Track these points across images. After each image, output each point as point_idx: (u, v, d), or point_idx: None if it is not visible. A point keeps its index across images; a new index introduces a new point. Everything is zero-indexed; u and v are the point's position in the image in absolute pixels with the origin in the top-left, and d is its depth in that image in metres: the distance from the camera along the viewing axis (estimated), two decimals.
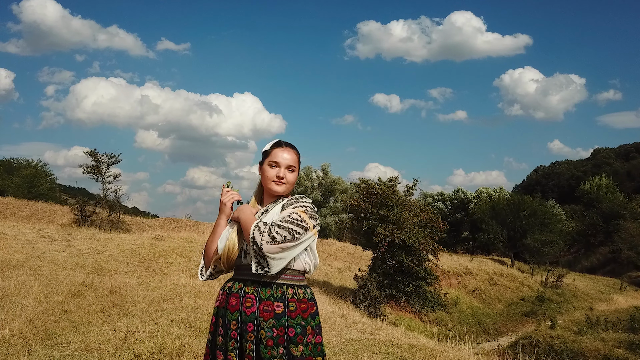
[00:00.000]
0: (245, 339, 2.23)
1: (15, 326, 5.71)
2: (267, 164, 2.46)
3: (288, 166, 2.44)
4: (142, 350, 5.01)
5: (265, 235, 2.18)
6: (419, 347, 6.25)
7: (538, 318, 18.62)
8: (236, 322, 2.26)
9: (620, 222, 38.70)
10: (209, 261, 2.43)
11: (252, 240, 2.19)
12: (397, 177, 14.51)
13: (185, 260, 12.84)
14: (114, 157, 18.93)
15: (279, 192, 2.43)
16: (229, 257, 2.32)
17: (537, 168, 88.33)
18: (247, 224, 2.26)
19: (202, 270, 2.49)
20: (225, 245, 2.33)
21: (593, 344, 13.05)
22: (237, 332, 2.25)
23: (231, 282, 2.39)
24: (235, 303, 2.29)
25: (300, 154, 2.56)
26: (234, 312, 2.27)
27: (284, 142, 2.53)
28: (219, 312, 2.38)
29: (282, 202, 2.44)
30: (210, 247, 2.41)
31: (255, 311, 2.24)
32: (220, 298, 2.40)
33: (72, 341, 5.43)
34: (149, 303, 7.94)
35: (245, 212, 2.35)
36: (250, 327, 2.23)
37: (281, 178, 2.41)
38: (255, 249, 2.18)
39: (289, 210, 2.33)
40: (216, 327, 2.36)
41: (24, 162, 39.68)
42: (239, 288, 2.32)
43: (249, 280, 2.31)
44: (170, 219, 24.44)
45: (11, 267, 9.50)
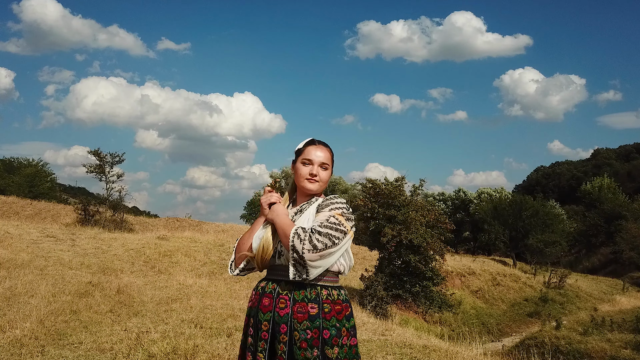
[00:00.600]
0: (277, 340, 2.19)
1: (26, 326, 5.66)
2: (300, 162, 2.43)
3: (321, 164, 2.40)
4: (156, 351, 4.96)
5: (306, 244, 2.12)
6: (432, 348, 6.20)
7: (542, 319, 18.56)
8: (268, 323, 2.21)
9: (622, 222, 38.68)
10: (240, 258, 2.40)
11: (292, 248, 2.14)
12: (403, 177, 14.50)
13: (190, 260, 12.80)
14: (118, 156, 18.91)
15: (312, 190, 2.39)
16: (263, 258, 2.28)
17: (538, 168, 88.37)
18: (285, 229, 2.20)
19: (232, 265, 2.44)
20: (259, 245, 2.28)
21: (599, 344, 13.01)
22: (269, 333, 2.21)
23: (264, 282, 2.33)
24: (268, 303, 2.24)
25: (333, 152, 2.51)
26: (266, 313, 2.22)
27: (317, 140, 2.50)
28: (250, 313, 2.34)
29: (316, 203, 2.40)
30: (244, 244, 2.37)
31: (288, 312, 2.19)
32: (253, 298, 2.35)
33: (84, 341, 5.39)
34: (157, 303, 7.90)
35: (280, 215, 2.29)
36: (283, 328, 2.19)
37: (314, 175, 2.38)
38: (296, 257, 2.13)
39: (326, 213, 2.27)
40: (247, 328, 2.33)
41: (24, 161, 39.65)
42: (272, 288, 2.26)
43: (282, 280, 2.26)
44: (174, 219, 24.39)
45: (17, 266, 9.45)
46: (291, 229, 2.17)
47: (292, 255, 2.14)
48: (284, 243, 2.21)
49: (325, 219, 2.23)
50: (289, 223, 2.23)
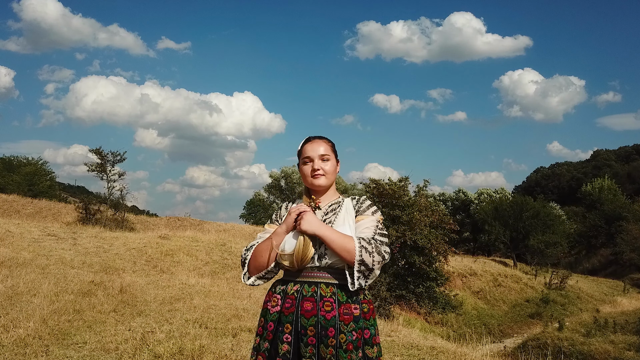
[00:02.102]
0: (325, 344, 2.13)
1: (30, 325, 5.60)
2: (302, 162, 2.40)
3: (321, 156, 2.35)
4: (162, 352, 4.90)
5: (376, 256, 2.15)
6: (440, 349, 6.14)
7: (544, 320, 18.52)
8: (314, 328, 2.13)
9: (623, 224, 38.62)
10: (259, 267, 2.27)
11: (360, 262, 2.13)
12: (407, 178, 14.42)
13: (192, 260, 12.75)
14: (119, 155, 18.83)
15: (321, 184, 2.35)
16: (304, 260, 2.19)
17: (537, 169, 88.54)
18: (345, 244, 2.15)
19: (245, 275, 2.32)
20: (297, 247, 2.18)
21: (602, 346, 12.95)
22: (316, 338, 2.13)
23: (298, 285, 2.22)
24: (311, 307, 2.15)
25: (333, 142, 2.48)
26: (310, 318, 2.14)
27: (312, 136, 2.46)
28: (271, 316, 2.22)
29: (348, 204, 2.39)
30: (263, 256, 2.24)
31: (335, 315, 2.15)
32: (277, 302, 2.24)
33: (88, 341, 5.32)
34: (161, 303, 7.83)
35: (322, 226, 2.20)
36: (331, 331, 2.14)
37: (317, 170, 2.33)
38: (364, 269, 2.14)
39: (372, 218, 2.31)
40: (266, 332, 2.21)
41: (24, 160, 39.55)
42: (313, 291, 2.19)
43: (321, 283, 2.21)
44: (175, 218, 24.31)
45: (19, 265, 9.39)
46: (353, 243, 2.15)
47: (358, 268, 2.13)
48: (345, 257, 2.15)
49: (375, 225, 2.28)
50: (342, 235, 2.19)
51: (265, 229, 2.39)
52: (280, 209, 2.45)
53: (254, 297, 9.62)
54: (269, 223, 2.42)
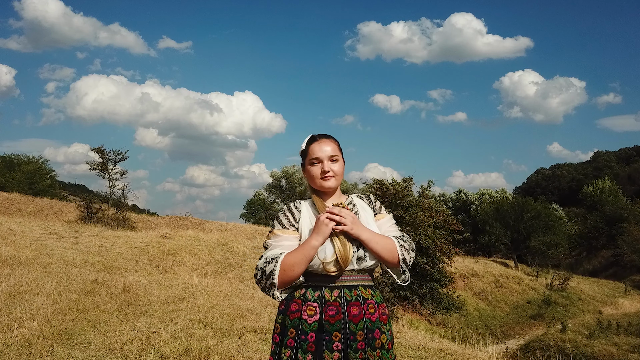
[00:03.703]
0: (372, 347, 2.10)
1: (34, 325, 5.54)
2: (309, 163, 2.30)
3: (330, 157, 2.27)
4: (168, 352, 4.84)
5: (411, 253, 2.25)
6: (447, 351, 6.09)
7: (547, 321, 18.46)
8: (362, 332, 2.08)
9: (624, 225, 38.54)
10: (290, 281, 2.12)
11: (402, 261, 2.21)
12: (411, 178, 14.35)
13: (194, 259, 12.69)
14: (121, 153, 18.75)
15: (331, 187, 2.27)
16: (347, 264, 2.12)
17: (538, 170, 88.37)
18: (387, 244, 2.18)
19: (275, 290, 2.15)
20: (341, 252, 2.11)
21: (606, 348, 12.90)
22: (365, 342, 2.08)
23: (337, 291, 2.13)
24: (358, 312, 2.10)
25: (338, 141, 2.38)
26: (359, 322, 2.09)
27: (317, 135, 2.35)
28: (323, 327, 2.09)
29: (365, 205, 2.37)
30: (296, 270, 2.10)
31: (377, 316, 2.15)
32: (317, 311, 2.11)
33: (93, 341, 5.27)
34: (164, 302, 7.79)
35: (364, 229, 2.18)
36: (377, 333, 2.12)
37: (327, 172, 2.25)
38: (404, 267, 2.22)
39: (389, 217, 2.38)
40: (319, 345, 2.08)
41: (24, 158, 39.50)
42: (356, 295, 2.13)
43: (359, 285, 2.16)
44: (176, 217, 24.25)
45: (21, 263, 9.34)
46: (394, 243, 2.21)
47: (402, 266, 2.22)
48: (387, 257, 2.17)
49: (395, 223, 2.36)
50: (382, 236, 2.21)
51: (276, 235, 2.22)
52: (293, 213, 2.27)
53: (257, 297, 9.57)
54: (280, 228, 2.24)
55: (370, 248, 2.15)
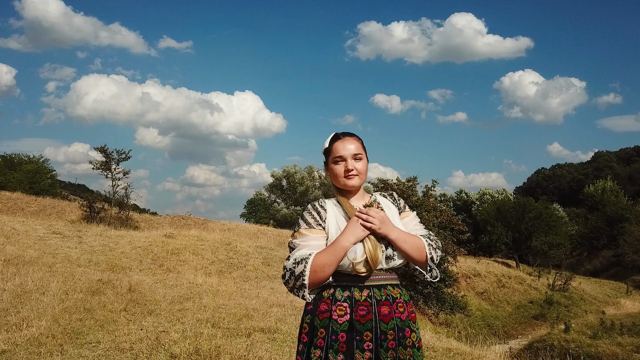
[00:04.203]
0: (403, 345, 2.09)
1: (42, 324, 5.53)
2: (332, 162, 2.28)
3: (354, 155, 2.25)
4: (178, 352, 4.82)
5: (438, 251, 2.26)
6: (456, 350, 6.08)
7: (550, 322, 18.39)
8: (393, 332, 2.08)
9: (625, 225, 38.51)
10: (320, 282, 2.11)
11: (430, 259, 2.22)
12: (415, 178, 14.32)
13: (198, 259, 12.67)
14: (124, 153, 18.75)
15: (355, 185, 2.25)
16: (375, 264, 2.11)
17: (538, 170, 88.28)
18: (416, 243, 2.19)
19: (304, 294, 2.13)
20: (371, 252, 2.10)
21: (610, 348, 12.87)
22: (395, 341, 2.08)
23: (367, 290, 2.12)
24: (388, 311, 2.09)
25: (362, 139, 2.37)
26: (389, 322, 2.08)
27: (340, 133, 2.34)
28: (354, 327, 2.08)
29: (386, 202, 2.34)
30: (326, 270, 2.09)
31: (407, 315, 2.15)
32: (347, 311, 2.10)
33: (102, 340, 5.26)
34: (170, 302, 7.77)
35: (395, 228, 2.18)
36: (407, 332, 2.12)
37: (351, 170, 2.23)
38: (432, 265, 2.23)
39: (414, 215, 2.39)
40: (350, 344, 2.07)
41: (25, 157, 39.49)
42: (385, 295, 2.12)
43: (388, 285, 2.16)
44: (179, 217, 24.23)
45: (25, 263, 9.32)
46: (422, 241, 2.21)
47: (430, 264, 2.23)
48: (416, 256, 2.17)
49: (418, 221, 2.37)
50: (411, 235, 2.22)
51: (303, 234, 2.19)
52: (319, 212, 2.23)
53: (262, 297, 9.56)
54: (307, 227, 2.20)
55: (398, 247, 2.14)
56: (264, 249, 15.38)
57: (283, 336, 5.99)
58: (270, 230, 22.67)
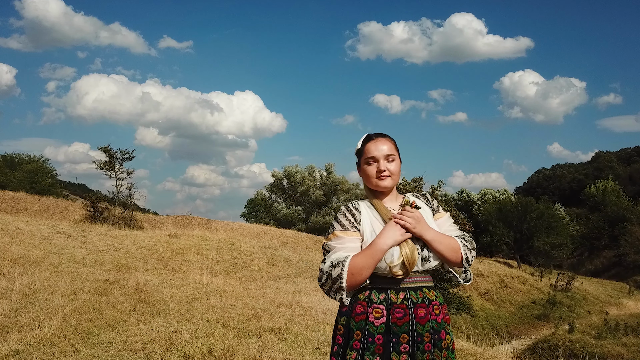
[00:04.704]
0: (439, 347, 2.10)
1: (53, 324, 5.51)
2: (365, 163, 2.27)
3: (386, 156, 2.24)
4: (191, 352, 4.81)
5: (473, 252, 2.25)
6: (467, 351, 6.08)
7: (555, 322, 18.38)
8: (429, 334, 2.08)
9: (627, 225, 38.51)
10: (356, 285, 2.10)
11: (466, 259, 2.21)
12: (421, 178, 14.29)
13: (203, 259, 12.65)
14: (128, 153, 18.73)
15: (387, 186, 2.24)
16: (412, 266, 2.10)
17: (538, 170, 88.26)
18: (451, 244, 2.18)
19: (342, 297, 2.12)
20: (407, 255, 2.09)
21: (615, 348, 12.87)
22: (431, 343, 2.08)
23: (403, 293, 2.11)
24: (424, 314, 2.09)
25: (395, 140, 2.35)
26: (425, 324, 2.08)
27: (373, 134, 2.33)
28: (390, 329, 2.08)
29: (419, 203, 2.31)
30: (363, 274, 2.08)
31: (442, 317, 2.15)
32: (384, 313, 2.10)
33: (114, 341, 5.25)
34: (178, 302, 7.76)
35: (430, 228, 2.17)
36: (443, 334, 2.12)
37: (383, 171, 2.22)
38: (467, 265, 2.22)
39: (448, 216, 2.38)
40: (387, 347, 2.07)
41: (25, 157, 39.44)
42: (421, 297, 2.12)
43: (424, 287, 2.16)
44: (182, 217, 24.21)
45: (31, 263, 9.31)
46: (457, 242, 2.20)
47: (465, 265, 2.22)
48: (451, 257, 2.16)
49: (452, 222, 2.36)
50: (446, 236, 2.20)
51: (339, 237, 2.17)
52: (353, 214, 2.22)
53: (268, 297, 9.56)
54: (341, 229, 2.18)
55: (434, 248, 2.14)
56: (268, 249, 15.37)
57: (294, 337, 5.98)
58: (273, 230, 22.65)
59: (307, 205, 42.76)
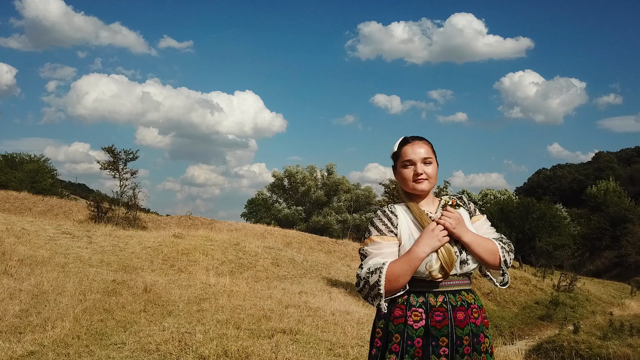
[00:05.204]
0: (478, 351, 2.08)
1: (66, 325, 5.49)
2: (401, 166, 2.25)
3: (423, 159, 2.22)
4: (207, 354, 4.78)
5: (511, 254, 2.22)
6: None
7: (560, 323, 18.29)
8: (469, 337, 2.06)
9: (628, 226, 38.50)
10: (394, 291, 2.09)
11: (504, 262, 2.17)
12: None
13: (208, 259, 12.63)
14: (132, 153, 18.70)
15: (424, 189, 2.21)
16: (450, 269, 2.08)
17: (539, 171, 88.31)
18: (489, 246, 2.15)
19: (380, 304, 2.10)
20: (445, 258, 2.08)
21: (621, 349, 12.82)
22: (471, 347, 2.07)
23: (442, 296, 2.10)
24: (463, 317, 2.08)
25: (432, 143, 2.33)
26: (465, 327, 2.07)
27: (410, 137, 2.31)
28: (429, 332, 2.07)
29: (460, 209, 2.28)
30: (400, 281, 2.06)
31: (481, 321, 2.13)
32: (422, 316, 2.08)
33: (127, 341, 5.22)
34: (187, 303, 7.74)
35: (470, 231, 2.16)
36: (482, 338, 2.10)
37: (420, 174, 2.19)
38: (504, 268, 2.19)
39: (485, 219, 2.35)
40: (426, 350, 2.06)
41: (26, 157, 39.39)
42: (460, 300, 2.11)
43: (462, 290, 2.15)
44: (186, 217, 24.18)
45: (38, 263, 9.28)
46: (496, 245, 2.18)
47: (503, 267, 2.18)
48: (489, 260, 2.14)
49: (490, 224, 2.33)
50: (484, 238, 2.18)
51: (375, 242, 2.16)
52: (390, 218, 2.19)
53: (275, 297, 9.52)
54: (378, 234, 2.17)
55: (472, 250, 2.12)
56: (272, 250, 15.34)
57: (306, 338, 5.94)
58: (277, 231, 22.62)
59: (307, 206, 42.71)
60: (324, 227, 38.42)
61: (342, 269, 16.04)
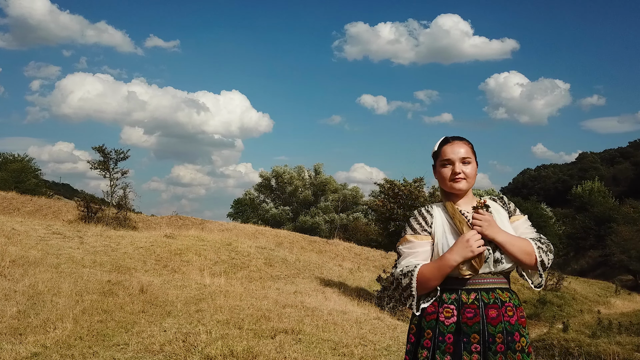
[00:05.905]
0: (512, 349, 2.07)
1: (66, 326, 5.42)
2: (440, 165, 2.29)
3: (462, 159, 2.25)
4: (213, 354, 4.76)
5: (549, 255, 2.20)
6: None
7: (545, 321, 18.55)
8: (502, 335, 2.06)
9: (613, 225, 38.99)
10: (424, 292, 2.14)
11: (540, 263, 2.16)
12: (422, 178, 14.34)
13: (201, 259, 12.55)
14: (122, 153, 18.51)
15: (462, 189, 2.25)
16: (479, 264, 2.09)
17: (523, 171, 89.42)
18: (524, 247, 2.14)
19: (412, 304, 2.16)
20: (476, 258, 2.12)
21: (610, 347, 12.97)
22: (504, 345, 2.06)
23: (475, 293, 2.12)
24: (496, 314, 2.08)
25: (472, 143, 2.36)
26: (497, 325, 2.07)
27: (450, 137, 2.35)
28: (461, 329, 2.09)
29: (495, 206, 2.32)
30: (430, 284, 2.11)
31: (516, 319, 2.13)
32: (454, 313, 2.11)
33: (129, 342, 5.17)
34: (185, 303, 7.68)
35: (502, 231, 2.15)
36: (517, 336, 2.10)
37: (458, 173, 2.23)
38: (541, 269, 2.18)
39: (525, 219, 2.35)
40: (457, 346, 2.07)
41: (10, 156, 38.83)
42: (494, 298, 2.11)
43: (497, 288, 2.14)
44: (177, 217, 24.00)
45: (31, 264, 9.15)
46: (532, 245, 2.16)
47: (539, 269, 2.17)
48: (525, 260, 2.14)
49: (531, 224, 2.33)
50: (519, 238, 2.18)
51: (409, 241, 2.22)
52: (424, 217, 2.25)
53: (271, 297, 9.50)
54: (412, 233, 2.24)
55: (506, 250, 2.13)
56: (264, 250, 15.30)
57: (308, 337, 5.94)
58: (268, 231, 22.56)
59: (295, 205, 42.67)
60: (312, 227, 38.42)
61: (334, 269, 16.05)
